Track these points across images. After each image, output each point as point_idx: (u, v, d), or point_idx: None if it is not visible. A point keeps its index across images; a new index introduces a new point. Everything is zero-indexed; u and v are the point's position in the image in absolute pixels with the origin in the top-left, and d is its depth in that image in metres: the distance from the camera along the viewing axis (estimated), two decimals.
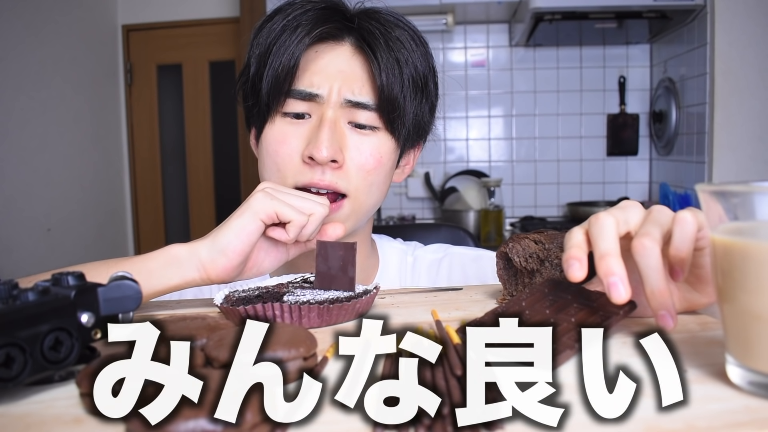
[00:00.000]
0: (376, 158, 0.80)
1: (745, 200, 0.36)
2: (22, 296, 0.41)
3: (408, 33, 0.82)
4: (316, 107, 0.78)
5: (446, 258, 0.98)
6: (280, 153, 0.78)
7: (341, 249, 0.62)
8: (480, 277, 0.95)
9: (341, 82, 0.78)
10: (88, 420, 0.37)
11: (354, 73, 0.79)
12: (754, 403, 0.35)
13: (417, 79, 0.81)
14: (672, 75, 2.52)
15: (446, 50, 2.86)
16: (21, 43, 2.32)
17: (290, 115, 0.79)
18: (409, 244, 1.02)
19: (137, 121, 3.09)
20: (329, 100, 0.78)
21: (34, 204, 2.40)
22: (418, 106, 0.83)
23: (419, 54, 0.82)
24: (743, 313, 0.36)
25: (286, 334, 0.44)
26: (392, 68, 0.78)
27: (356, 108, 0.78)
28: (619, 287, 0.43)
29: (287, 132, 0.78)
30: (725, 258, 0.37)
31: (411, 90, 0.80)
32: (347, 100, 0.78)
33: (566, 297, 0.50)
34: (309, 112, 0.79)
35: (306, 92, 0.78)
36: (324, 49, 0.79)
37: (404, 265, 0.98)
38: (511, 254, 0.64)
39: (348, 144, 0.78)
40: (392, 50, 0.79)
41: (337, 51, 0.80)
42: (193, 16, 3.00)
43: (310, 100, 0.78)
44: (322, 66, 0.78)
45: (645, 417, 0.34)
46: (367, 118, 0.79)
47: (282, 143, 0.78)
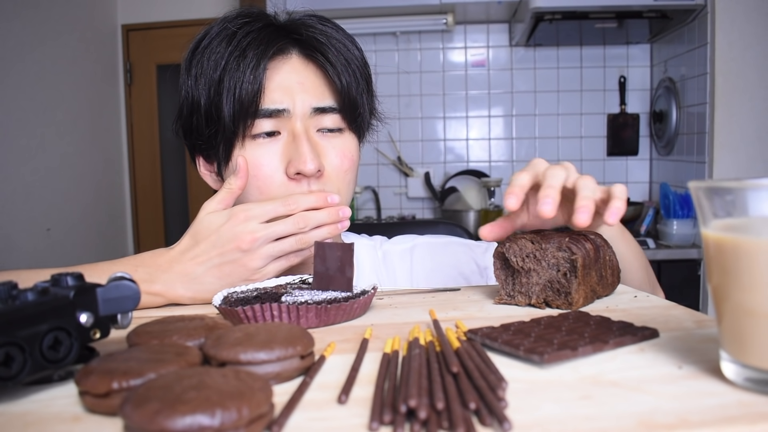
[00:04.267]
0: (349, 158, 0.82)
1: (739, 197, 0.37)
2: (22, 296, 0.41)
3: (341, 33, 0.84)
4: (283, 122, 0.79)
5: (417, 247, 1.00)
6: (260, 175, 0.78)
7: (339, 250, 0.62)
8: (453, 263, 0.97)
9: (303, 93, 0.79)
10: (86, 418, 0.37)
11: (312, 82, 0.81)
12: (747, 398, 0.36)
13: (365, 75, 0.85)
14: (672, 75, 2.52)
15: (446, 50, 2.87)
16: (21, 43, 2.33)
17: (260, 135, 0.78)
18: (373, 239, 1.03)
19: (137, 121, 3.10)
20: (295, 113, 0.79)
21: (34, 204, 2.40)
22: (369, 101, 0.86)
23: (357, 50, 0.84)
24: (737, 309, 0.36)
25: (283, 332, 0.44)
26: (345, 69, 0.81)
27: (322, 114, 0.80)
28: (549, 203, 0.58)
29: (261, 154, 0.78)
30: (718, 254, 0.37)
31: (364, 86, 0.84)
32: (314, 108, 0.80)
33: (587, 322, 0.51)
34: (278, 129, 0.79)
35: (272, 109, 0.78)
36: (274, 65, 0.79)
37: (376, 260, 0.99)
38: (508, 254, 0.64)
39: (323, 151, 0.80)
40: (340, 52, 0.81)
41: (288, 64, 0.80)
42: (193, 16, 3.00)
43: (277, 116, 0.78)
44: (279, 82, 0.79)
45: (639, 411, 0.34)
46: (333, 120, 0.81)
47: (260, 166, 0.78)
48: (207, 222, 0.72)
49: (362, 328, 0.56)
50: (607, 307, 0.61)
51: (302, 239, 0.71)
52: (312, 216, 0.71)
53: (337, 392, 0.39)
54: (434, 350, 0.45)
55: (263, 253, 0.70)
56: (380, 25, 2.63)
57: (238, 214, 0.70)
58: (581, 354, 0.43)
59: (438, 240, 1.02)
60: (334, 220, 0.72)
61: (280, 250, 0.70)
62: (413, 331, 0.50)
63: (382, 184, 2.91)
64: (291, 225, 0.70)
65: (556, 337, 0.46)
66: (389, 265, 0.99)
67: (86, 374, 0.38)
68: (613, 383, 0.39)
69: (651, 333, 0.48)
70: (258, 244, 0.69)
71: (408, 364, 0.41)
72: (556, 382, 0.40)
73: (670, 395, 0.37)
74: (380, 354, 0.46)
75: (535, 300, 0.62)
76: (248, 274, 0.70)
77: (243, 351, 0.41)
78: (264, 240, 0.70)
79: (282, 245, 0.70)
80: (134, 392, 0.33)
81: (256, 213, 0.70)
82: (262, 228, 0.70)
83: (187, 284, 0.71)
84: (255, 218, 0.70)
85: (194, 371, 0.36)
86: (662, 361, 0.43)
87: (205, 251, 0.71)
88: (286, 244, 0.71)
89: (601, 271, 0.64)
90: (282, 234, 0.70)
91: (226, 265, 0.70)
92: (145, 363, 0.39)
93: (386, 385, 0.39)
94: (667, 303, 0.61)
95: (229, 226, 0.70)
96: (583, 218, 0.58)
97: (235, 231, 0.70)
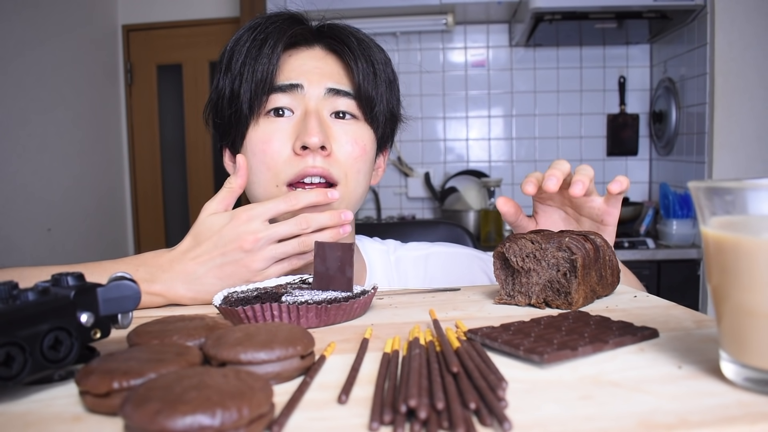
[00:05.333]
0: (360, 146, 0.82)
1: (738, 197, 0.37)
2: (22, 296, 0.41)
3: (369, 40, 0.87)
4: (298, 100, 0.80)
5: (431, 256, 1.00)
6: (268, 151, 0.79)
7: (339, 250, 0.62)
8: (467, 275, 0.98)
9: (320, 75, 0.81)
10: (87, 418, 0.37)
11: (331, 68, 0.83)
12: (747, 398, 0.36)
13: (388, 75, 0.86)
14: (672, 75, 2.52)
15: (446, 50, 2.87)
16: (21, 43, 2.33)
17: (273, 112, 0.80)
18: (387, 243, 1.03)
19: (137, 121, 3.10)
20: (310, 91, 0.81)
21: (34, 204, 2.40)
22: (390, 99, 0.87)
23: (384, 56, 0.87)
24: (737, 308, 0.37)
25: (284, 332, 0.44)
26: (366, 66, 0.83)
27: (337, 96, 0.82)
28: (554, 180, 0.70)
29: (272, 130, 0.80)
30: (718, 253, 0.37)
31: (384, 85, 0.85)
32: (329, 89, 0.81)
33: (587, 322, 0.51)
34: (291, 107, 0.81)
35: (287, 84, 0.80)
36: (297, 53, 0.83)
37: (388, 265, 0.99)
38: (508, 254, 0.64)
39: (333, 134, 0.81)
40: (363, 50, 0.84)
41: (310, 53, 0.84)
42: (193, 16, 3.01)
43: (292, 92, 0.80)
44: (299, 64, 0.82)
45: (639, 411, 0.34)
46: (348, 105, 0.82)
47: (269, 141, 0.80)
48: (209, 223, 0.72)
49: (362, 328, 0.56)
50: (607, 307, 0.61)
51: (305, 242, 0.71)
52: (314, 218, 0.71)
53: (337, 392, 0.39)
54: (434, 350, 0.45)
55: (266, 254, 0.70)
56: (380, 25, 2.63)
57: (240, 215, 0.70)
58: (581, 354, 0.44)
59: (452, 250, 1.02)
60: (336, 222, 0.72)
61: (282, 252, 0.70)
62: (413, 330, 0.50)
63: (382, 184, 2.91)
64: (293, 225, 0.70)
65: (556, 337, 0.46)
66: (402, 270, 0.98)
67: (87, 374, 0.38)
68: (613, 383, 0.39)
69: (651, 333, 0.48)
70: (260, 245, 0.69)
71: (408, 364, 0.41)
72: (556, 382, 0.40)
73: (670, 395, 0.37)
74: (380, 354, 0.47)
75: (535, 300, 0.62)
76: (250, 275, 0.70)
77: (243, 351, 0.41)
78: (266, 240, 0.69)
79: (285, 247, 0.70)
80: (135, 392, 0.33)
81: (258, 212, 0.70)
82: (264, 228, 0.70)
83: (187, 284, 0.71)
84: (257, 217, 0.70)
85: (195, 371, 0.36)
86: (662, 361, 0.43)
87: (206, 251, 0.71)
88: (289, 246, 0.70)
89: (601, 271, 0.64)
90: (284, 235, 0.70)
91: (228, 265, 0.70)
92: (145, 363, 0.39)
93: (386, 385, 0.39)
94: (667, 303, 0.61)
95: (231, 226, 0.70)
96: (577, 189, 0.69)
97: (237, 231, 0.69)
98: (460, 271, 0.98)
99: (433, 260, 0.99)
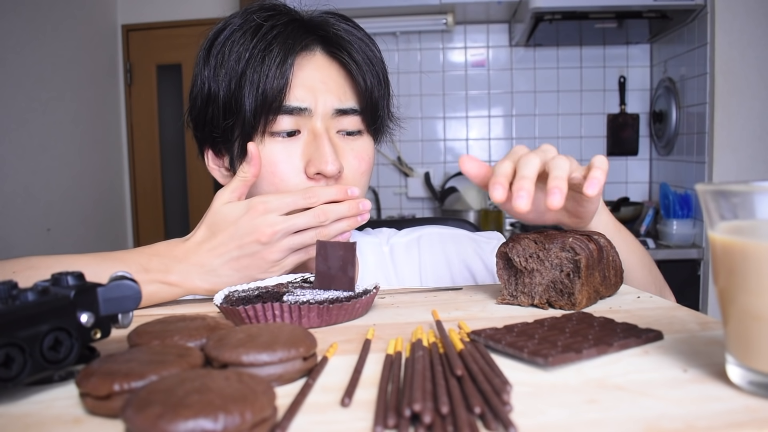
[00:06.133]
0: (366, 160, 0.81)
1: (746, 200, 0.36)
2: (22, 296, 0.41)
3: (361, 32, 0.83)
4: (304, 121, 0.78)
5: (423, 237, 0.99)
6: (278, 173, 0.77)
7: (341, 249, 0.62)
8: (461, 256, 0.96)
9: (326, 93, 0.78)
10: (87, 420, 0.37)
11: (335, 81, 0.80)
12: (754, 402, 0.35)
13: (385, 76, 0.84)
14: (672, 75, 2.51)
15: (446, 50, 2.86)
16: (21, 43, 2.32)
17: (281, 134, 0.77)
18: (380, 233, 1.02)
19: (137, 121, 3.09)
20: (317, 112, 0.78)
21: (34, 204, 2.39)
22: (387, 100, 0.85)
23: (377, 51, 0.84)
24: (743, 312, 0.36)
25: (286, 333, 0.44)
26: (369, 69, 0.81)
27: (343, 115, 0.79)
28: (524, 198, 0.56)
29: (280, 151, 0.77)
30: (725, 257, 0.37)
31: (384, 87, 0.83)
32: (336, 110, 0.79)
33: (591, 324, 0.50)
34: (298, 127, 0.78)
35: (296, 107, 0.76)
36: (298, 62, 0.78)
37: (381, 257, 0.98)
38: (511, 254, 0.63)
39: (342, 153, 0.79)
40: (363, 51, 0.81)
41: (313, 62, 0.79)
42: (193, 16, 3.00)
43: (299, 114, 0.77)
44: (303, 79, 0.78)
45: (645, 417, 0.34)
46: (353, 123, 0.80)
47: (278, 163, 0.77)
48: (224, 213, 0.71)
49: (364, 328, 0.56)
50: (611, 308, 0.61)
51: (322, 232, 0.69)
52: (332, 209, 0.70)
53: (340, 394, 0.39)
54: (437, 352, 0.44)
55: (282, 246, 0.69)
56: (380, 25, 2.63)
57: (257, 206, 0.69)
58: (586, 357, 0.43)
59: (445, 231, 1.02)
60: (355, 212, 0.71)
61: (299, 242, 0.69)
62: (416, 332, 0.50)
63: (382, 184, 2.91)
64: (311, 218, 0.69)
65: (560, 339, 0.46)
66: (396, 258, 0.98)
67: (87, 376, 0.38)
68: (618, 387, 0.39)
69: (655, 335, 0.48)
70: (278, 237, 0.68)
71: (411, 366, 0.41)
72: (561, 386, 0.39)
73: (675, 400, 0.36)
74: (383, 355, 0.46)
75: (538, 300, 0.62)
76: (267, 267, 0.69)
77: (245, 353, 0.40)
78: (284, 233, 0.68)
79: (302, 238, 0.69)
80: (136, 395, 0.33)
81: (275, 205, 0.69)
82: (282, 221, 0.68)
83: (203, 276, 0.70)
84: (274, 210, 0.69)
85: (196, 374, 0.35)
86: (667, 365, 0.43)
87: (223, 243, 0.69)
88: (306, 237, 0.69)
89: (605, 271, 0.63)
90: (302, 227, 0.69)
91: (245, 257, 0.69)
92: (146, 364, 0.38)
93: (389, 387, 0.39)
94: (671, 304, 0.61)
95: (248, 218, 0.69)
96: (555, 200, 0.56)
97: (254, 223, 0.68)
98: (455, 251, 0.97)
99: (425, 240, 0.99)
